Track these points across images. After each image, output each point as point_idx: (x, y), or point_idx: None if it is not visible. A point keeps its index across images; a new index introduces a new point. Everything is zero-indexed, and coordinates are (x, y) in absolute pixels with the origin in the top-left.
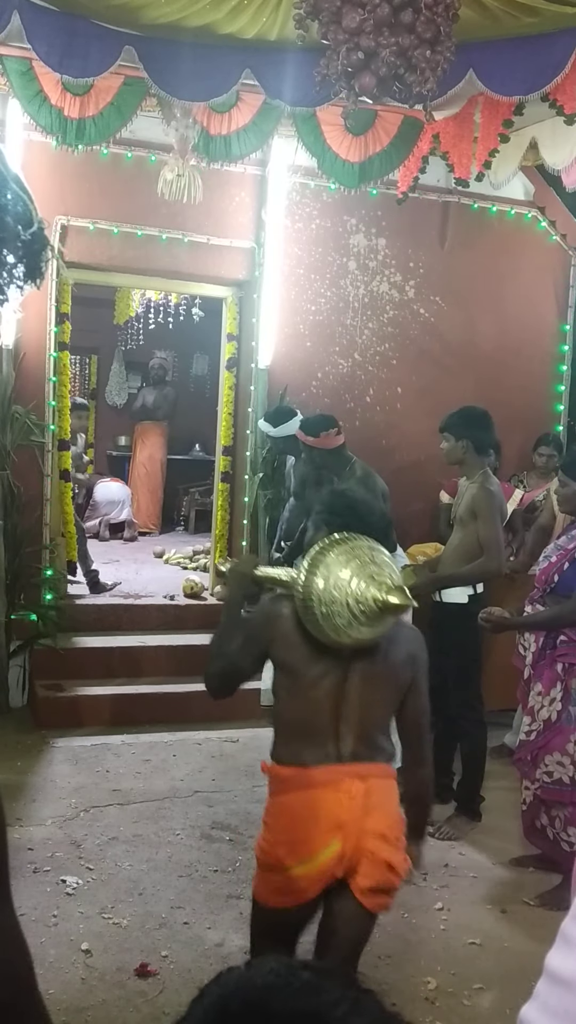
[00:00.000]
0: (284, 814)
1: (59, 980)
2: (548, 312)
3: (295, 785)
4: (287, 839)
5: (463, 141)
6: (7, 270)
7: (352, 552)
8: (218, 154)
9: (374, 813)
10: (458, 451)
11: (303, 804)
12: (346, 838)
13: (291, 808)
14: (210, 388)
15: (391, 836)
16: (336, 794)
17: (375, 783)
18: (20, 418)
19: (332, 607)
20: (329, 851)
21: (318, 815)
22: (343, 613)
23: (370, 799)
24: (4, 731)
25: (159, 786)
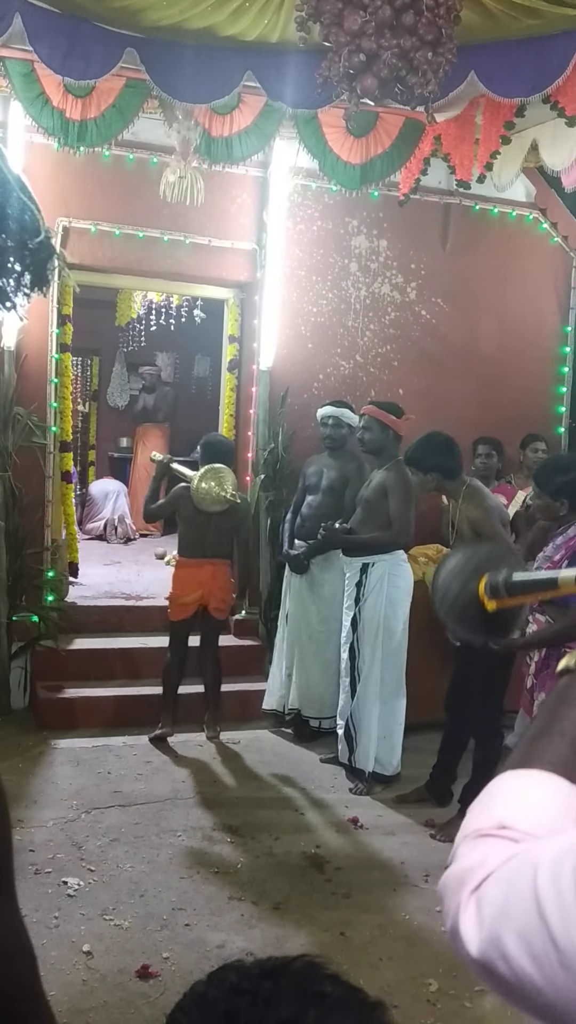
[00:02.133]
0: (179, 576)
1: (60, 982)
2: (549, 314)
3: (185, 566)
4: (180, 587)
5: (464, 143)
6: (14, 279)
7: (216, 473)
8: (220, 156)
9: (216, 579)
10: (429, 484)
11: (186, 575)
12: (204, 588)
13: (181, 576)
14: (212, 390)
15: (224, 588)
16: (200, 570)
17: (218, 567)
18: (22, 420)
19: (206, 494)
20: (197, 593)
21: (192, 579)
22: (208, 498)
23: (215, 572)
24: (5, 732)
25: (160, 788)
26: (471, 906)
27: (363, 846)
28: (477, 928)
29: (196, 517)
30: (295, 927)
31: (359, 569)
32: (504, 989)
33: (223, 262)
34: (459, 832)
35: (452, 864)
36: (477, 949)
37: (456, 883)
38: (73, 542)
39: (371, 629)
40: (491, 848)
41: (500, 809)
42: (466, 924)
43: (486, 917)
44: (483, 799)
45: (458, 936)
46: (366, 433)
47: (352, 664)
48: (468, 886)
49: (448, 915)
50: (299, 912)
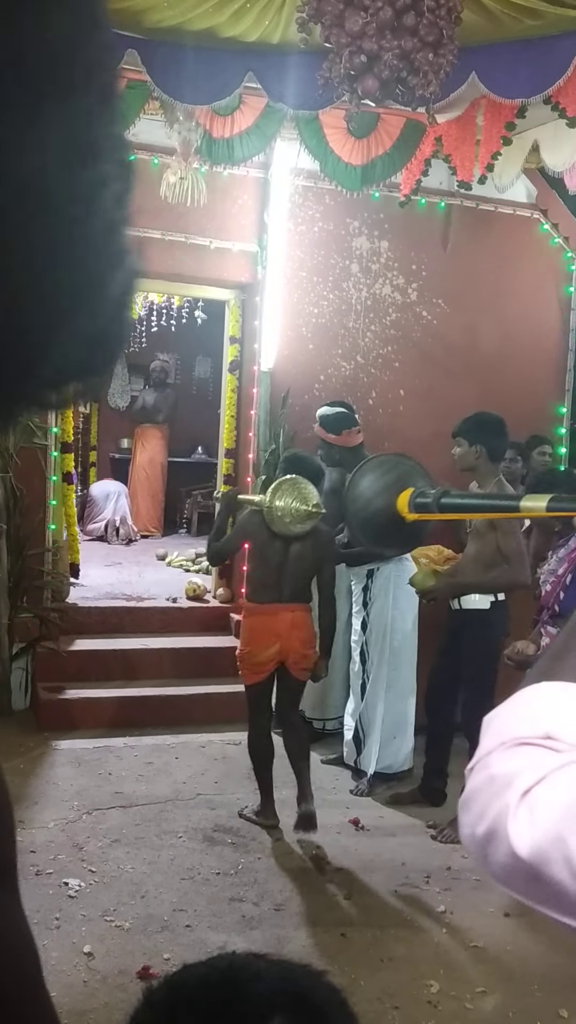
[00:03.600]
0: (249, 628)
1: (61, 983)
2: (550, 313)
3: (256, 613)
4: (252, 642)
5: (465, 144)
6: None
7: (293, 485)
8: (221, 157)
9: (297, 629)
10: (470, 457)
11: (259, 625)
12: (283, 642)
13: (253, 627)
14: (212, 391)
15: (307, 640)
16: (276, 618)
17: (299, 614)
18: (22, 420)
19: (284, 513)
20: (274, 649)
21: (267, 630)
22: (288, 516)
23: (295, 622)
24: (6, 733)
25: (161, 789)
26: (523, 808)
27: (364, 847)
28: (530, 828)
29: (271, 548)
30: (296, 928)
31: (365, 575)
32: (551, 891)
33: (224, 263)
34: (486, 738)
35: (483, 769)
36: (530, 848)
37: (500, 786)
38: (74, 543)
39: (379, 631)
40: (539, 755)
41: (545, 719)
42: (517, 824)
43: (544, 818)
44: (518, 707)
45: (500, 839)
46: (319, 451)
47: (363, 667)
48: (516, 789)
49: (483, 818)
50: (300, 913)
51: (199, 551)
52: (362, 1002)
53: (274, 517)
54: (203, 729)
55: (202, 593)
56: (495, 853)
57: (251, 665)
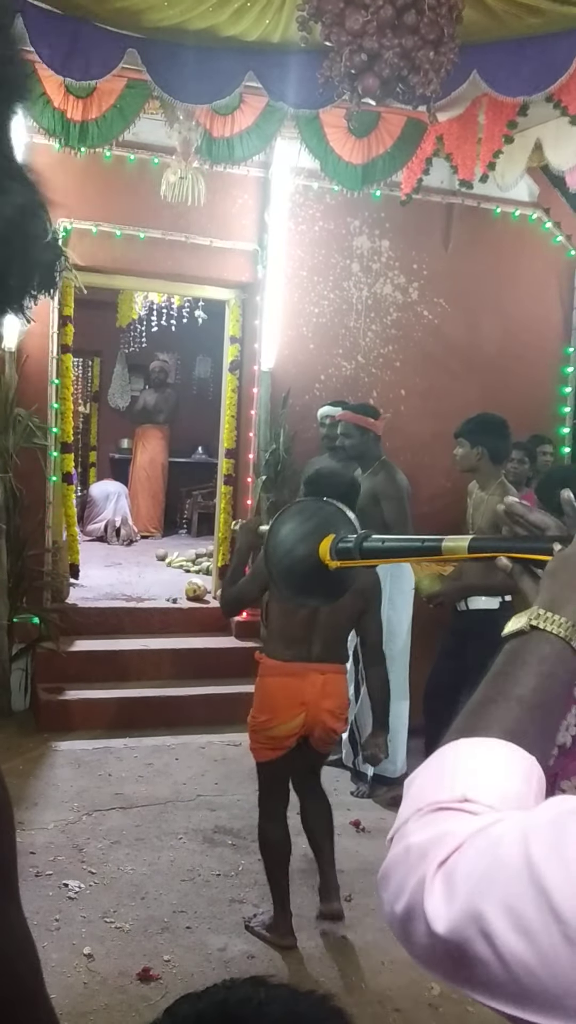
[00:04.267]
0: (268, 692)
1: (61, 985)
2: (553, 313)
3: (277, 672)
4: (269, 709)
5: (467, 142)
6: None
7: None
8: (221, 156)
9: (328, 696)
10: (472, 458)
11: (281, 687)
12: (308, 711)
13: (273, 689)
14: (213, 391)
15: (338, 712)
16: (303, 681)
17: (331, 676)
18: (23, 421)
19: None
20: (297, 720)
21: (290, 695)
22: None
23: (327, 687)
24: (6, 734)
25: (161, 790)
26: (438, 881)
27: (365, 849)
28: (447, 903)
29: None
30: (296, 930)
31: None
32: (475, 973)
33: (224, 263)
34: (404, 805)
35: (400, 840)
36: (446, 926)
37: (416, 857)
38: (74, 543)
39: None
40: (455, 821)
41: (461, 781)
42: (432, 900)
43: (460, 891)
44: (434, 769)
45: (418, 916)
46: (346, 439)
47: (356, 667)
48: (433, 859)
49: (401, 893)
50: (301, 915)
51: (199, 551)
52: (363, 1005)
53: None
54: (203, 730)
55: (202, 594)
56: (415, 932)
57: (267, 739)
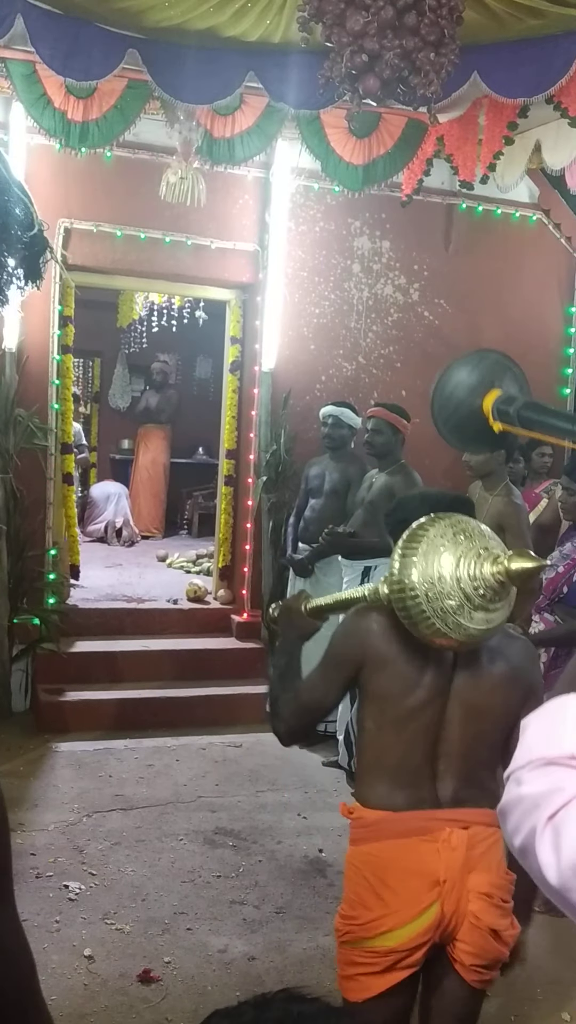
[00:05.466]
0: (371, 867)
1: (61, 986)
2: (553, 315)
3: (385, 833)
4: (377, 899)
5: (467, 143)
6: (7, 272)
7: (454, 530)
8: (221, 157)
9: (478, 868)
10: (493, 461)
11: (394, 856)
12: (445, 898)
13: (380, 860)
14: (213, 391)
15: (497, 896)
16: (434, 844)
17: (480, 832)
18: (23, 421)
19: (441, 589)
20: (427, 915)
21: (412, 869)
22: (454, 595)
23: (473, 852)
24: (7, 735)
25: (162, 791)
26: (548, 832)
27: None
28: (555, 855)
29: (412, 683)
30: (297, 931)
31: (360, 572)
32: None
33: (225, 263)
34: (522, 749)
35: (515, 785)
36: (556, 876)
37: (529, 806)
38: (74, 544)
39: None
40: (565, 776)
41: (570, 739)
42: (544, 850)
43: (566, 845)
44: (547, 721)
45: (532, 858)
46: (377, 436)
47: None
48: (544, 811)
49: (517, 834)
50: (301, 916)
51: (200, 552)
52: None
53: (423, 605)
54: (204, 731)
55: (203, 595)
56: (530, 867)
57: (374, 954)
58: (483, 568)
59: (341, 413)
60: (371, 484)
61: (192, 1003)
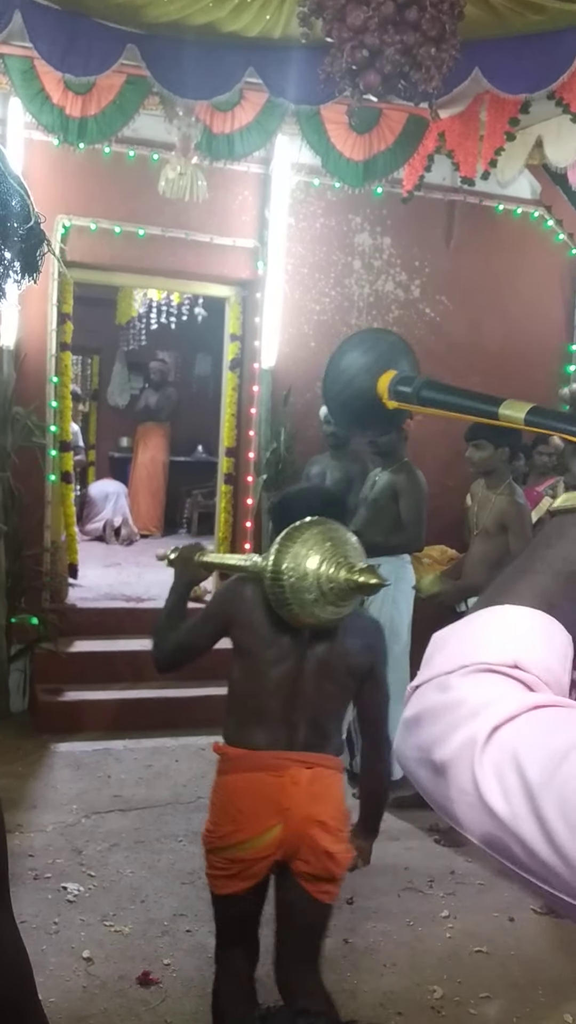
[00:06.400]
0: (229, 794)
1: (60, 988)
2: (555, 311)
3: (242, 767)
4: (232, 818)
5: (469, 139)
6: (3, 266)
7: (321, 536)
8: (221, 152)
9: (318, 802)
10: (496, 459)
11: (248, 786)
12: (287, 823)
13: (236, 789)
14: (213, 389)
15: (332, 825)
16: (281, 779)
17: (321, 772)
18: (21, 419)
19: (303, 583)
20: (271, 834)
21: (262, 797)
22: (312, 590)
23: (314, 787)
24: (4, 736)
25: (161, 792)
26: (492, 748)
27: None
28: (498, 775)
29: (274, 647)
30: None
31: None
32: (521, 851)
33: (224, 259)
34: (440, 658)
35: (442, 690)
36: (501, 800)
37: (466, 713)
38: (72, 543)
39: None
40: (507, 687)
41: (511, 646)
42: (484, 767)
43: (516, 768)
44: (477, 629)
45: (462, 772)
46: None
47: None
48: (485, 721)
49: (440, 743)
50: None
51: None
52: (365, 1008)
53: (285, 596)
54: (203, 732)
55: (202, 594)
56: (453, 787)
57: (229, 861)
58: (339, 573)
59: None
60: (374, 483)
61: (192, 1005)
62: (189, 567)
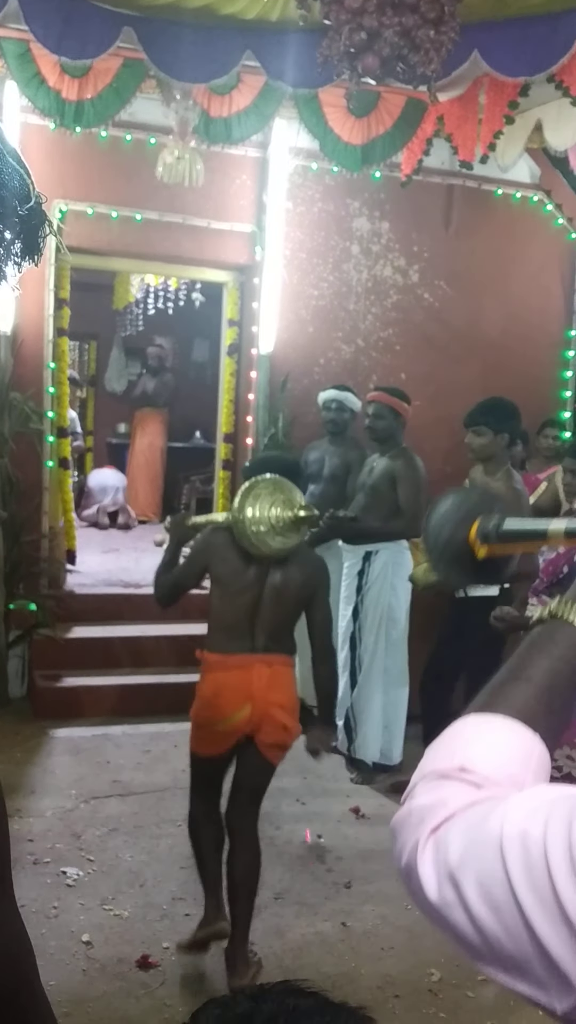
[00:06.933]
0: (211, 686)
1: (60, 972)
2: (555, 296)
3: (219, 668)
4: (212, 704)
5: (467, 123)
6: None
7: (272, 487)
8: (218, 136)
9: (275, 690)
10: (495, 445)
11: (223, 682)
12: (254, 705)
13: (215, 684)
14: (211, 374)
15: (287, 706)
16: (248, 674)
17: (278, 668)
18: (18, 405)
19: (259, 524)
20: (241, 713)
21: (234, 689)
22: (265, 524)
23: (272, 680)
24: (3, 722)
25: (160, 777)
26: (429, 847)
27: (364, 836)
28: (434, 869)
29: (242, 576)
30: (296, 917)
31: (361, 557)
32: (457, 935)
33: (222, 244)
34: (417, 770)
35: (409, 800)
36: (435, 892)
37: (416, 820)
38: (70, 529)
39: (374, 618)
40: (452, 790)
41: (461, 751)
42: (424, 864)
43: (444, 860)
44: (445, 739)
45: (414, 875)
46: (378, 421)
47: (353, 654)
48: (427, 825)
49: (403, 851)
50: (300, 902)
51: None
52: (362, 991)
53: (247, 531)
54: None
55: None
56: (414, 890)
57: (208, 733)
58: (285, 512)
59: (344, 398)
60: (372, 468)
61: (190, 989)
62: (180, 530)
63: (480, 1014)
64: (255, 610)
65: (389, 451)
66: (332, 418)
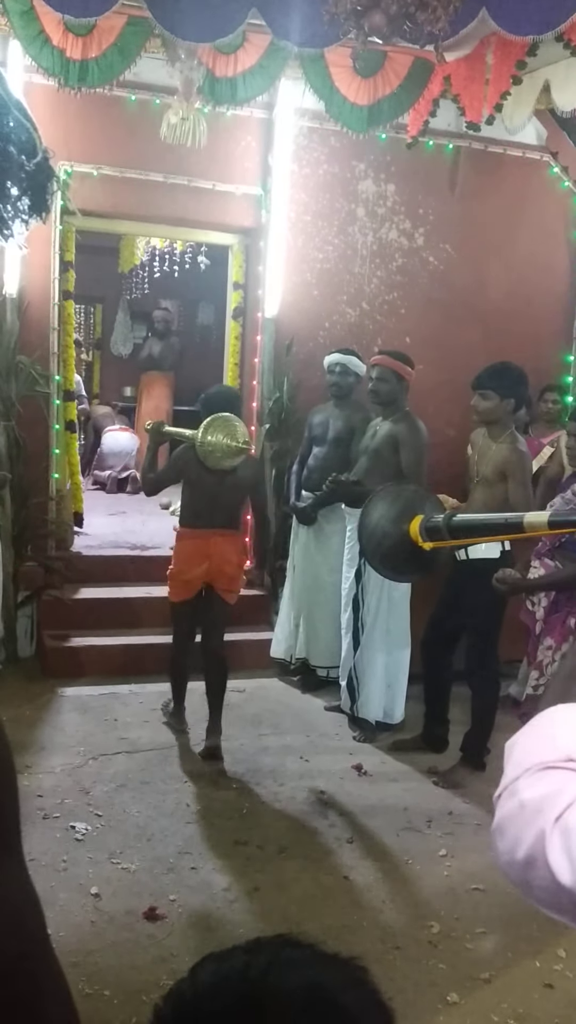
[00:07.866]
0: (181, 551)
1: (69, 923)
2: (560, 259)
3: (189, 537)
4: (183, 562)
5: (475, 83)
6: (11, 203)
7: (223, 423)
8: (224, 97)
9: (226, 552)
10: (501, 409)
11: (190, 548)
12: (211, 562)
13: (184, 550)
14: (216, 338)
15: (235, 562)
16: (207, 542)
17: (230, 537)
18: (25, 368)
19: (214, 448)
20: (202, 568)
21: (195, 552)
22: (218, 449)
23: (224, 546)
24: (13, 681)
25: (166, 735)
26: (556, 834)
27: (366, 792)
28: (566, 855)
29: (204, 480)
30: (299, 870)
31: None
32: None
33: (227, 207)
34: (512, 764)
35: (511, 797)
36: (570, 875)
37: (531, 812)
38: (78, 492)
39: (377, 580)
40: (565, 779)
41: (564, 742)
42: (554, 852)
43: (574, 846)
44: (537, 732)
45: (540, 864)
46: (382, 384)
47: (356, 615)
48: (549, 814)
49: (520, 843)
50: (303, 856)
51: None
52: (364, 943)
53: (206, 452)
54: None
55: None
56: (537, 879)
57: (180, 583)
58: (229, 442)
59: (349, 361)
60: (375, 432)
61: (196, 939)
62: (157, 436)
63: (478, 965)
64: (213, 500)
65: (392, 415)
66: (336, 381)
